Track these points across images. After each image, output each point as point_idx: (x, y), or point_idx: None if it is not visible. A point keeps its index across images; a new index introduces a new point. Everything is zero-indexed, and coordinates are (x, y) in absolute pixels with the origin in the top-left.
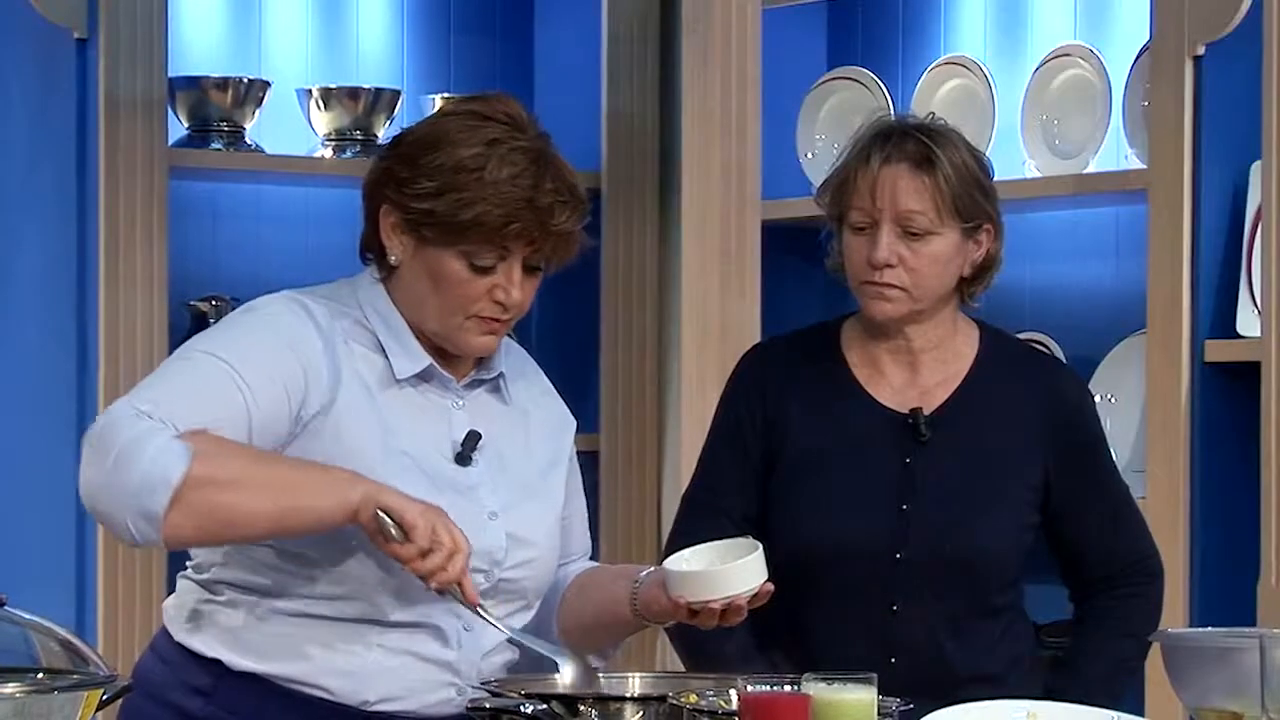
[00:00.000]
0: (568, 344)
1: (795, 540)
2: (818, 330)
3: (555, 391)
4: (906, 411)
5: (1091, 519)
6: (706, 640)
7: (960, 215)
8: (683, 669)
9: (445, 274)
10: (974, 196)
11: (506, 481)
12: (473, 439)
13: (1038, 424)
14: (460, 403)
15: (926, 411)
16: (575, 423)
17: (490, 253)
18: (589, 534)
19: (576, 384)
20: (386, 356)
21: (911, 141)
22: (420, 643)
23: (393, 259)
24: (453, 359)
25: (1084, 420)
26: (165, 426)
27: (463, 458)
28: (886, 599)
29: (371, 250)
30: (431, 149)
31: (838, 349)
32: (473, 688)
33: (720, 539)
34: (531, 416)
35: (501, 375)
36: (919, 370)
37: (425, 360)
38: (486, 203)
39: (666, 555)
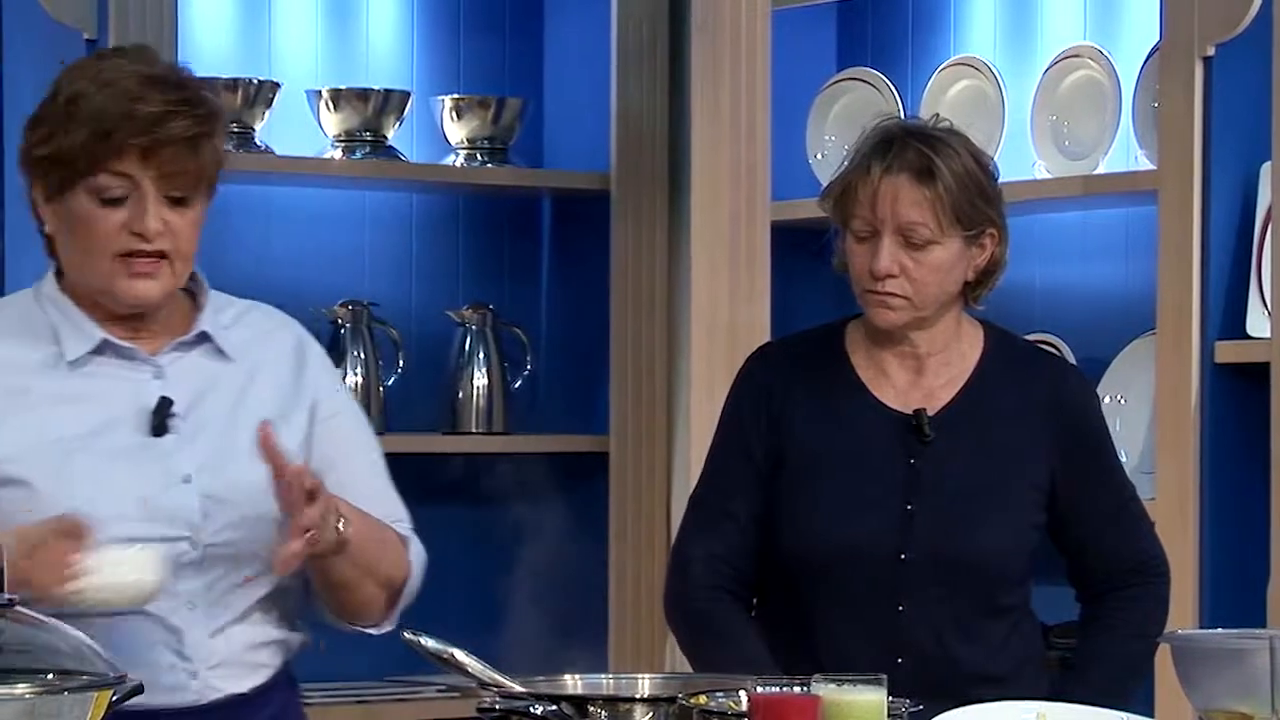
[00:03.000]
0: (577, 345)
1: (800, 542)
2: (822, 332)
3: (310, 351)
4: (910, 412)
5: (1097, 519)
6: (719, 655)
7: (962, 224)
8: (691, 670)
9: (79, 217)
10: (975, 204)
11: (209, 443)
12: (164, 406)
13: (1042, 424)
14: (159, 371)
15: (931, 412)
16: (339, 386)
17: (111, 180)
18: (394, 499)
19: (586, 386)
20: (59, 342)
21: (912, 151)
22: (138, 628)
23: (47, 227)
24: (151, 332)
25: (1089, 420)
26: None
27: (157, 427)
28: (892, 600)
29: (46, 241)
30: (50, 100)
31: (842, 350)
32: (492, 690)
33: (723, 541)
34: (260, 373)
35: (207, 335)
36: (924, 372)
37: (98, 336)
38: (90, 122)
39: (675, 559)
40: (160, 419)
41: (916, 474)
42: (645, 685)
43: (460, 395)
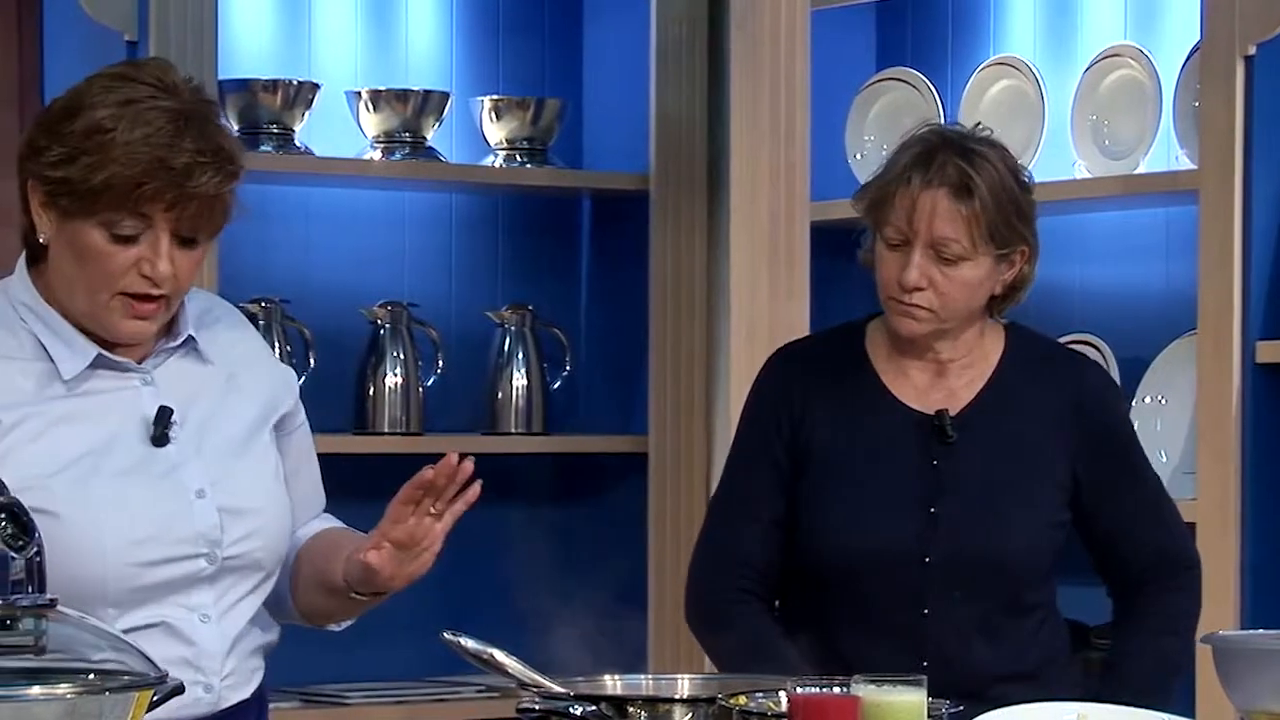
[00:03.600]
0: (616, 346)
1: (824, 545)
2: (841, 332)
3: (270, 351)
4: (933, 413)
5: (1124, 514)
6: (749, 661)
7: (995, 242)
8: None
9: (87, 247)
10: (1011, 222)
11: (211, 453)
12: (164, 415)
13: (1064, 420)
14: (148, 378)
15: (952, 412)
16: (295, 378)
17: (129, 220)
18: (322, 491)
19: (625, 386)
20: (51, 358)
21: (953, 166)
22: (152, 644)
23: (42, 237)
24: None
25: (1112, 415)
26: None
27: (158, 438)
28: (917, 602)
29: (28, 235)
30: (69, 116)
31: (862, 351)
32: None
33: (747, 544)
34: (238, 376)
35: (191, 339)
36: (945, 374)
37: (92, 351)
38: (117, 164)
39: (698, 563)
40: (161, 429)
41: (939, 475)
42: (685, 686)
43: (499, 396)
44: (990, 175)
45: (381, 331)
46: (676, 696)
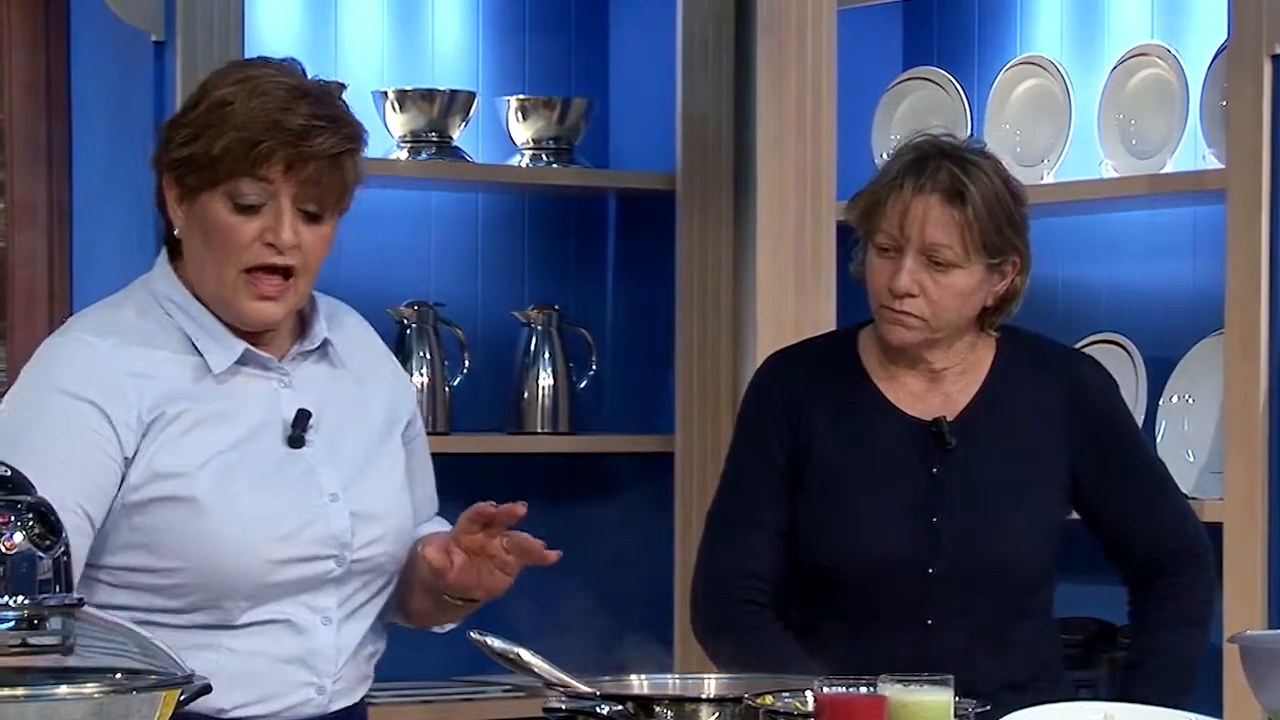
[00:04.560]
0: (643, 345)
1: (826, 556)
2: (832, 339)
3: (391, 355)
4: (930, 420)
5: (1128, 504)
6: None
7: (987, 250)
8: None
9: (212, 220)
10: (1003, 232)
11: (344, 457)
12: (303, 418)
13: (1061, 416)
14: (286, 379)
15: (949, 418)
16: (413, 386)
17: (251, 186)
18: (435, 496)
19: (651, 386)
20: (199, 353)
21: (945, 172)
22: (273, 641)
23: (176, 228)
24: (269, 338)
25: (1106, 406)
26: None
27: (295, 439)
28: (921, 613)
29: (168, 234)
30: (195, 104)
31: (855, 358)
32: (557, 687)
33: (753, 553)
34: (366, 383)
35: (327, 342)
36: (941, 381)
37: (240, 347)
38: (235, 129)
39: (703, 575)
40: (299, 431)
41: (940, 483)
42: (711, 685)
43: (526, 395)
44: (983, 183)
45: (408, 331)
46: (703, 696)
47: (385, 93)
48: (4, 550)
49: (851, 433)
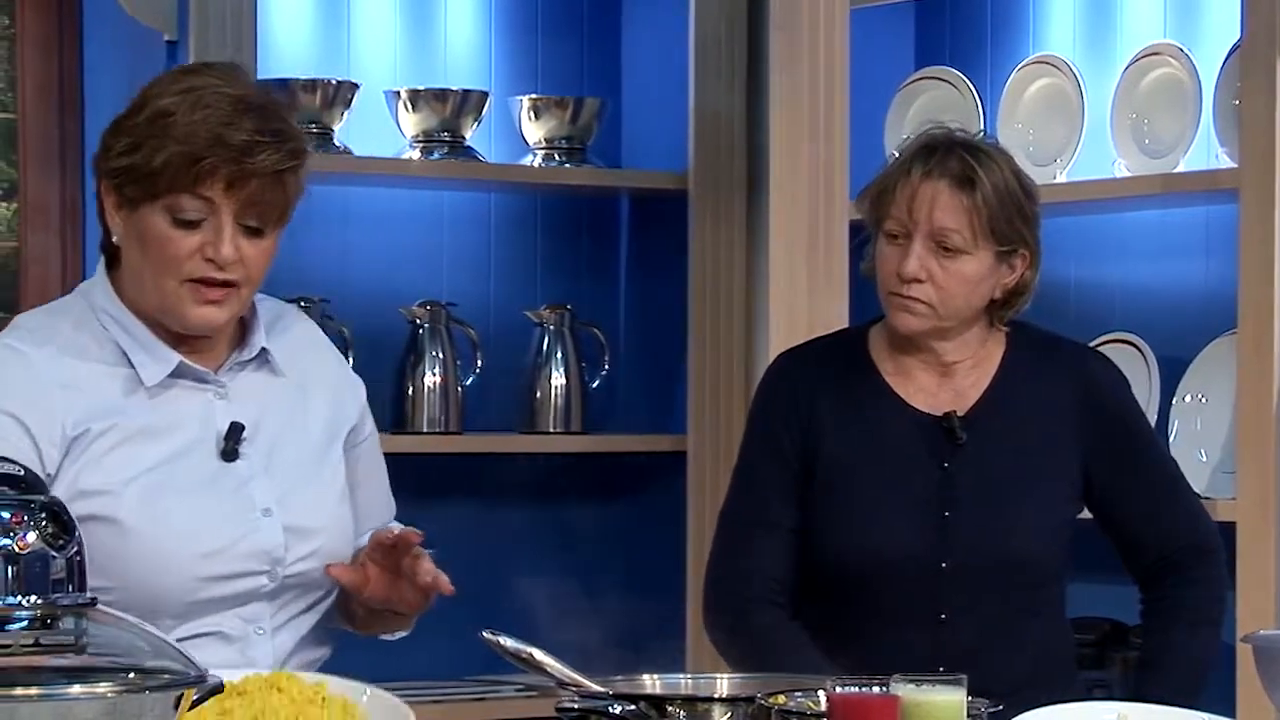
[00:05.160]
0: (655, 345)
1: (838, 554)
2: (843, 337)
3: (342, 361)
4: (940, 415)
5: (1137, 497)
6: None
7: (995, 238)
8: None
9: (151, 233)
10: (1012, 221)
11: (280, 470)
12: (236, 431)
13: (1071, 411)
14: (223, 391)
15: (960, 413)
16: (363, 387)
17: (190, 202)
18: (391, 500)
19: (664, 385)
20: (132, 365)
21: (955, 159)
22: (209, 653)
23: (115, 236)
24: (205, 348)
25: (1116, 401)
26: None
27: (228, 453)
28: (934, 609)
29: (104, 242)
30: (136, 110)
31: (866, 355)
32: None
33: (766, 552)
34: (309, 390)
35: (265, 350)
36: (951, 376)
37: (174, 359)
38: (176, 142)
39: (717, 574)
40: (232, 445)
41: (951, 478)
42: (723, 685)
43: (538, 395)
44: (994, 171)
45: (420, 331)
46: (715, 696)
47: (398, 92)
48: (17, 550)
49: (861, 429)
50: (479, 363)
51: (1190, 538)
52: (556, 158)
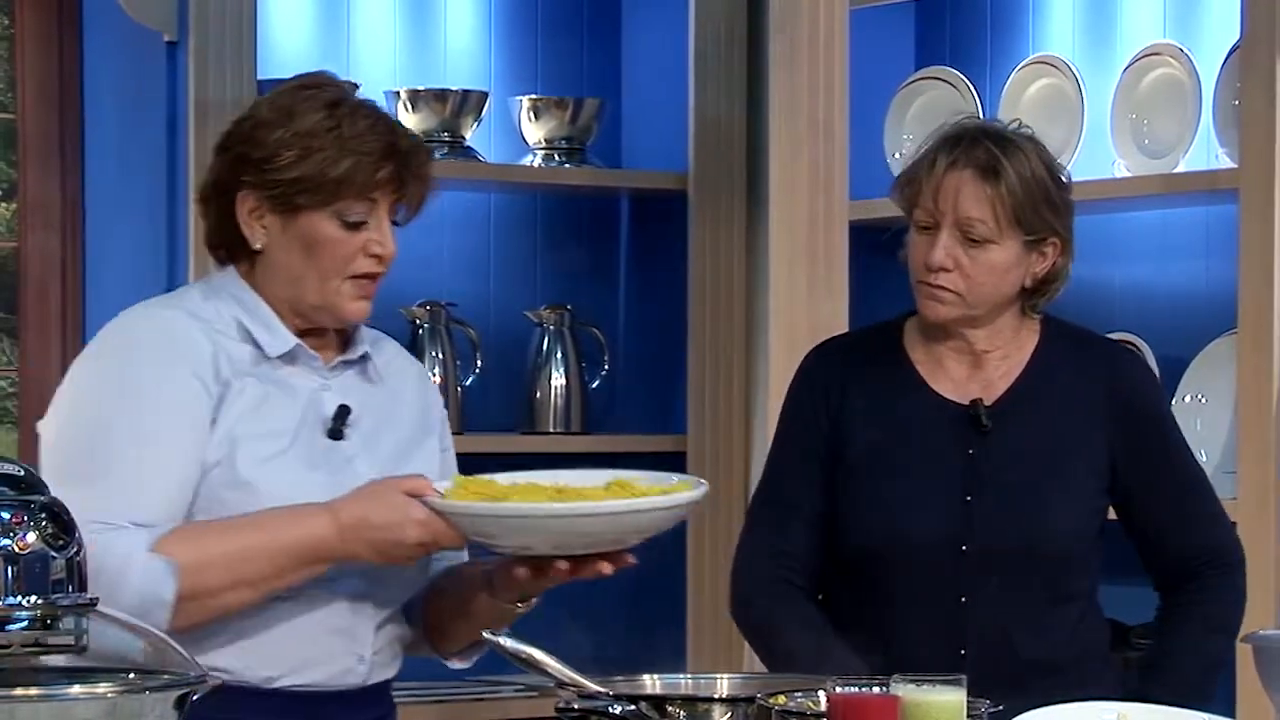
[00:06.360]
0: (655, 346)
1: (863, 537)
2: (879, 328)
3: (428, 377)
4: (967, 403)
5: (1163, 499)
6: (797, 653)
7: (1022, 227)
8: (764, 667)
9: (320, 238)
10: (1039, 210)
11: (381, 452)
12: (343, 413)
13: (1100, 406)
14: (328, 383)
15: (988, 402)
16: (443, 401)
17: (361, 206)
18: None
19: (664, 386)
20: (254, 343)
21: (981, 149)
22: (315, 608)
23: (257, 245)
24: (318, 346)
25: (1146, 399)
26: (132, 534)
27: (334, 431)
28: (955, 592)
29: (222, 246)
30: (277, 126)
31: (899, 346)
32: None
33: (790, 538)
34: (400, 395)
35: (367, 355)
36: (982, 366)
37: (292, 340)
38: (354, 154)
39: (743, 557)
40: (338, 425)
41: (975, 465)
42: (724, 685)
43: (538, 395)
44: (1021, 162)
45: (420, 331)
46: (715, 696)
47: (398, 93)
48: (17, 550)
49: (890, 417)
50: (479, 363)
51: (1211, 543)
52: (556, 158)
